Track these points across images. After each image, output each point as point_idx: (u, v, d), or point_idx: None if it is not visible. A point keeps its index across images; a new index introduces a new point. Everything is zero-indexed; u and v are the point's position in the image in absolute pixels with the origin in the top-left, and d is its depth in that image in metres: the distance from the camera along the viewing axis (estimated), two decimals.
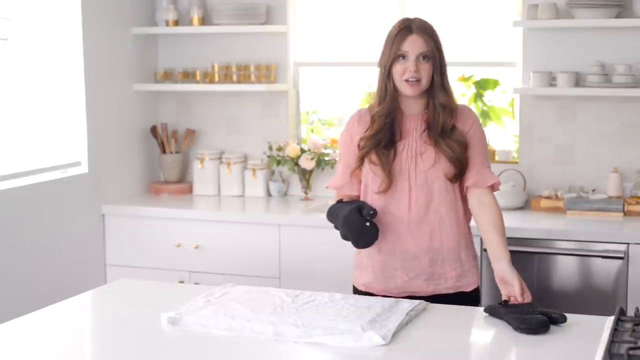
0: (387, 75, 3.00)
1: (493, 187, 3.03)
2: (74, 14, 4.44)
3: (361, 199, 3.09)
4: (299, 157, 4.72)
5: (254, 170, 4.85)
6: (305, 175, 4.77)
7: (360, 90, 5.45)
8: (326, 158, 4.74)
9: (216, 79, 4.84)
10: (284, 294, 2.87)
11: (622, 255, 3.80)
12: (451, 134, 2.98)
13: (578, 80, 4.32)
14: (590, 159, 4.41)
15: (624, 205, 4.15)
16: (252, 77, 4.81)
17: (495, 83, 5.32)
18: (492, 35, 4.56)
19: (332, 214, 3.07)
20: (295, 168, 4.74)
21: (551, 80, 4.33)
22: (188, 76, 4.94)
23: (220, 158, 4.96)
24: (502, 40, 4.54)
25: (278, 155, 4.78)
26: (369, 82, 5.40)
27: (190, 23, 4.88)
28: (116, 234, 4.66)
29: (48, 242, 4.28)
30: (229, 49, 4.94)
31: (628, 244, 3.81)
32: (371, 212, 2.91)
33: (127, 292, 3.10)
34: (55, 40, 4.39)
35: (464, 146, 2.99)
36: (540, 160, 4.47)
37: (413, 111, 3.04)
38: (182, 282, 4.43)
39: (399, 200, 3.01)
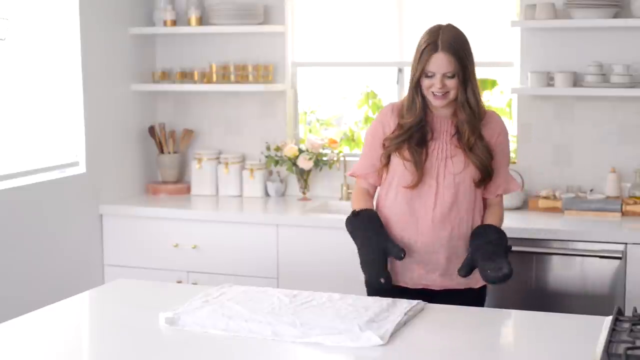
0: (415, 87, 3.09)
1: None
2: (72, 13, 4.43)
3: (383, 190, 3.21)
4: (296, 157, 4.71)
5: (251, 170, 4.85)
6: (303, 176, 4.77)
7: (358, 90, 5.45)
8: (324, 158, 4.74)
9: (214, 79, 4.84)
10: (281, 294, 2.87)
11: (620, 255, 3.80)
12: (478, 142, 3.09)
13: (576, 80, 4.32)
14: (588, 159, 4.41)
15: (622, 205, 4.15)
16: (250, 77, 4.80)
17: (493, 83, 5.32)
18: (490, 35, 4.56)
19: (354, 230, 3.16)
20: (293, 168, 4.74)
21: (549, 80, 4.33)
22: (186, 76, 4.93)
23: (218, 158, 4.96)
24: (500, 40, 4.54)
25: (276, 156, 4.78)
26: (367, 82, 5.40)
27: (188, 23, 4.88)
28: (114, 234, 4.65)
29: (46, 242, 4.27)
30: (226, 49, 4.94)
31: (626, 244, 3.81)
32: (394, 264, 3.11)
33: (125, 292, 3.10)
34: (52, 40, 4.39)
35: (491, 155, 3.11)
36: (538, 160, 4.47)
37: (443, 113, 3.13)
38: (180, 282, 4.43)
39: (425, 197, 3.11)
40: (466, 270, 3.04)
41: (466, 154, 3.09)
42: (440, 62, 3.02)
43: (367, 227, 3.14)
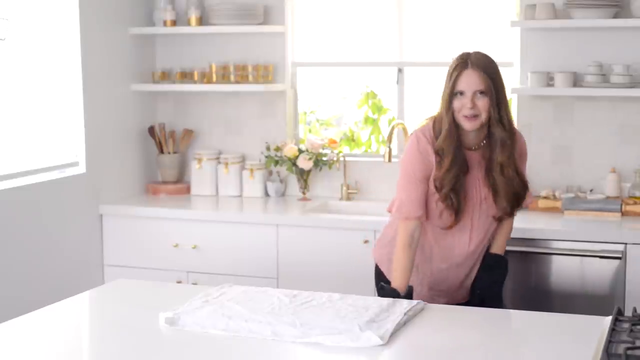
0: (447, 110, 3.05)
1: None
2: (72, 14, 4.43)
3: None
4: (296, 157, 4.71)
5: (251, 170, 4.85)
6: (303, 176, 4.77)
7: (358, 90, 5.45)
8: (324, 158, 4.74)
9: (214, 79, 4.84)
10: (281, 294, 2.87)
11: (619, 256, 3.80)
12: (510, 164, 3.08)
13: (576, 80, 4.32)
14: (588, 159, 4.41)
15: (621, 206, 4.15)
16: (250, 77, 4.80)
17: None
18: (490, 35, 4.55)
19: (384, 295, 3.06)
20: (293, 168, 4.74)
21: (549, 80, 4.33)
22: (186, 76, 4.93)
23: (218, 158, 4.96)
24: (500, 40, 4.54)
25: (276, 156, 4.78)
26: (367, 82, 5.41)
27: (188, 23, 4.88)
28: (114, 234, 4.65)
29: (46, 242, 4.27)
30: (226, 49, 4.94)
31: (626, 244, 3.81)
32: None
33: (125, 292, 3.10)
34: (52, 40, 4.39)
35: (522, 180, 3.15)
36: (538, 160, 4.47)
37: (472, 142, 3.10)
38: (179, 282, 4.43)
39: (460, 235, 3.16)
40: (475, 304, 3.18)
41: (496, 187, 3.08)
42: (470, 79, 3.01)
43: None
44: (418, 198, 3.09)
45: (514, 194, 3.11)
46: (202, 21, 4.89)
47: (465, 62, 3.03)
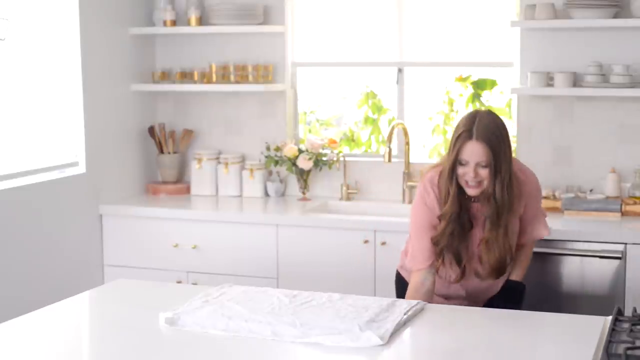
0: (451, 177, 3.08)
1: None
2: (72, 14, 4.43)
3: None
4: (296, 157, 4.71)
5: (251, 170, 4.85)
6: (303, 176, 4.77)
7: (358, 90, 5.46)
8: (324, 158, 4.74)
9: (214, 79, 4.84)
10: (281, 294, 2.87)
11: (619, 256, 3.80)
12: (504, 230, 3.12)
13: (576, 80, 4.32)
14: (588, 159, 4.41)
15: (621, 206, 4.15)
16: (250, 77, 4.80)
17: (492, 83, 5.32)
18: (490, 35, 4.56)
19: None
20: (293, 168, 4.74)
21: (549, 80, 4.33)
22: (186, 76, 4.93)
23: (217, 158, 4.95)
24: (500, 40, 4.54)
25: (276, 156, 4.78)
26: (367, 82, 5.41)
27: (188, 23, 4.88)
28: (114, 234, 4.65)
29: (46, 242, 4.27)
30: (226, 49, 4.94)
31: (626, 244, 3.81)
32: None
33: (125, 292, 3.10)
34: (52, 40, 4.39)
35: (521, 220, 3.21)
36: (538, 161, 4.46)
37: (479, 197, 3.14)
38: (179, 282, 4.43)
39: (468, 281, 3.21)
40: None
41: (498, 236, 3.12)
42: (473, 151, 3.01)
43: None
44: (427, 248, 3.15)
45: (498, 261, 3.13)
46: (202, 21, 4.88)
47: (470, 131, 3.02)
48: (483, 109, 3.15)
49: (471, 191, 3.07)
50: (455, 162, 3.04)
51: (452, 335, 2.61)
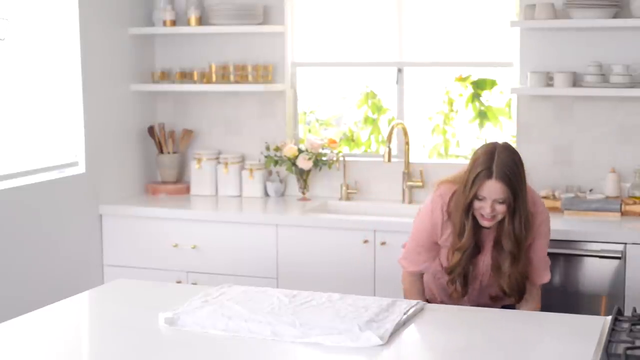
0: (467, 209, 3.10)
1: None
2: (72, 14, 4.43)
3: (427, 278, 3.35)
4: (296, 157, 4.71)
5: (251, 170, 4.85)
6: (303, 176, 4.77)
7: (357, 90, 5.46)
8: (324, 158, 4.74)
9: (213, 79, 4.84)
10: (281, 294, 2.87)
11: (619, 255, 3.80)
12: (518, 263, 3.16)
13: (575, 80, 4.32)
14: (587, 159, 4.41)
15: (621, 205, 4.15)
16: (250, 77, 4.80)
17: (492, 83, 5.32)
18: (490, 35, 4.56)
19: None
20: (293, 168, 4.74)
21: (548, 80, 4.33)
22: (185, 76, 4.93)
23: (217, 158, 4.95)
24: (500, 40, 4.54)
25: (275, 156, 4.78)
26: (367, 82, 5.41)
27: (188, 23, 4.88)
28: (114, 234, 4.65)
29: (45, 242, 4.27)
30: (226, 49, 4.94)
31: (625, 243, 3.81)
32: None
33: (125, 292, 3.10)
34: (52, 40, 4.38)
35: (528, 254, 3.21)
36: (538, 160, 4.47)
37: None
38: (179, 282, 4.43)
39: (471, 297, 3.26)
40: None
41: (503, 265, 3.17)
42: (492, 189, 3.04)
43: None
44: (419, 261, 3.28)
45: (521, 283, 3.17)
46: (201, 21, 4.88)
47: (489, 169, 3.05)
48: (501, 143, 3.15)
49: (486, 223, 3.10)
50: (473, 198, 3.07)
51: (452, 335, 2.61)
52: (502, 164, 3.05)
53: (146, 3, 4.97)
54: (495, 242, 3.16)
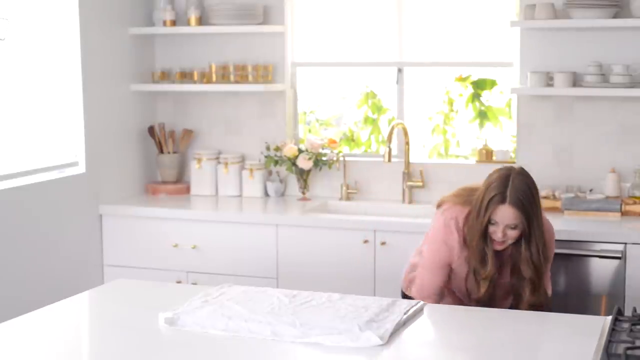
0: (484, 236, 3.10)
1: None
2: (72, 14, 4.43)
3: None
4: (296, 157, 4.71)
5: (251, 170, 4.84)
6: (303, 176, 4.77)
7: (357, 90, 5.45)
8: (324, 158, 4.74)
9: (213, 79, 4.84)
10: (281, 294, 2.87)
11: (619, 255, 3.80)
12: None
13: (575, 80, 4.32)
14: (588, 159, 4.41)
15: (621, 205, 4.15)
16: (250, 77, 4.80)
17: (492, 83, 5.32)
18: (490, 35, 4.56)
19: None
20: (293, 168, 4.74)
21: (549, 80, 4.33)
22: (185, 76, 4.93)
23: (217, 158, 4.95)
24: (500, 40, 4.54)
25: (275, 155, 4.78)
26: (367, 82, 5.41)
27: (188, 23, 4.88)
28: (114, 234, 4.65)
29: (45, 242, 4.27)
30: (226, 49, 4.94)
31: (626, 243, 3.81)
32: None
33: (125, 292, 3.10)
34: (52, 40, 4.38)
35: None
36: (538, 160, 4.47)
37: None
38: (179, 282, 4.43)
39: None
40: None
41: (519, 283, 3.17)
42: (505, 214, 3.04)
43: None
44: (438, 285, 3.22)
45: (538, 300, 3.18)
46: (201, 21, 4.88)
47: (503, 194, 3.04)
48: (516, 167, 3.15)
49: (497, 246, 3.11)
50: (487, 223, 3.07)
51: (452, 335, 2.61)
52: (516, 189, 3.04)
53: (146, 3, 4.97)
54: (512, 269, 3.15)
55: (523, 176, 3.10)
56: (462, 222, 3.16)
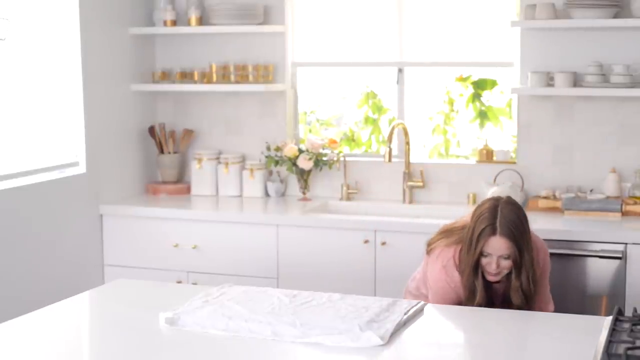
0: (476, 268, 3.08)
1: None
2: (72, 14, 4.43)
3: None
4: (297, 157, 4.71)
5: (251, 170, 4.85)
6: (303, 176, 4.77)
7: (358, 90, 5.45)
8: (324, 158, 4.74)
9: (214, 79, 4.84)
10: (281, 294, 2.87)
11: (620, 255, 3.80)
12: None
13: (576, 80, 4.32)
14: (588, 159, 4.41)
15: (622, 205, 4.15)
16: (250, 77, 4.80)
17: (493, 83, 5.32)
18: (490, 35, 4.55)
19: None
20: (293, 168, 4.74)
21: (549, 80, 4.33)
22: (186, 76, 4.93)
23: (218, 158, 4.95)
24: (500, 40, 4.54)
25: (276, 156, 4.78)
26: (367, 82, 5.41)
27: (188, 23, 4.88)
28: (114, 234, 4.65)
29: (46, 242, 4.27)
30: (226, 49, 4.94)
31: (626, 244, 3.81)
32: None
33: (125, 292, 3.10)
34: (53, 40, 4.38)
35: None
36: (538, 160, 4.47)
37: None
38: (180, 282, 4.43)
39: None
40: None
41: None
42: (497, 246, 3.03)
43: None
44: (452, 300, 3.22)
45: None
46: (202, 21, 4.88)
47: (493, 226, 3.03)
48: (504, 198, 3.14)
49: (492, 278, 3.09)
50: (479, 256, 3.06)
51: (452, 335, 2.61)
52: (506, 219, 3.03)
53: (146, 3, 4.97)
54: (503, 298, 3.14)
55: (511, 205, 3.09)
56: (459, 260, 3.15)
